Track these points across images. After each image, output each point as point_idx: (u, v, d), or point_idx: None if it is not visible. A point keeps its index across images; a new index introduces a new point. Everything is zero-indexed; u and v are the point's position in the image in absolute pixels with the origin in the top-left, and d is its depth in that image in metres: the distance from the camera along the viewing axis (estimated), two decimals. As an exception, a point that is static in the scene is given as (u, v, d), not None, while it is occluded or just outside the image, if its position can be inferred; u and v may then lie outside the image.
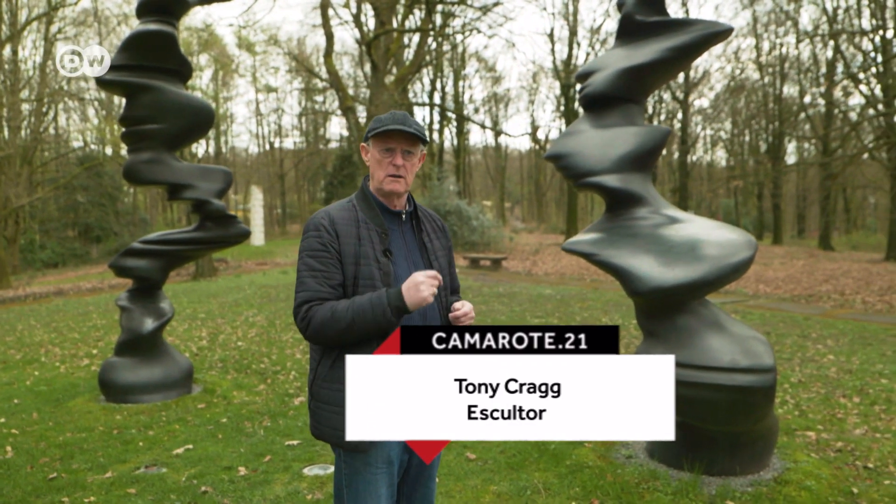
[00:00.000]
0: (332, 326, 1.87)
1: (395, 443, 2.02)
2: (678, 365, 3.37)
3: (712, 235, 3.56)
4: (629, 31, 4.13)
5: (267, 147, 49.92)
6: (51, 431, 4.80)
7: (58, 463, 4.13)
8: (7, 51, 23.37)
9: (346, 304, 1.88)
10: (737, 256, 3.41)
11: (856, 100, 27.25)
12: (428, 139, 2.13)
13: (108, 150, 31.48)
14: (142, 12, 5.51)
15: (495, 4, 19.20)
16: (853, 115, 24.55)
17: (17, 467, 4.06)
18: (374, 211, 2.06)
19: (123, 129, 5.68)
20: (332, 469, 3.91)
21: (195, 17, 47.25)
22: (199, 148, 38.83)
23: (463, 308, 2.04)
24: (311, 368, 2.05)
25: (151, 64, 5.45)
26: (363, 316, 1.84)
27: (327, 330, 1.88)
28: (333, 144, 43.94)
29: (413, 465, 2.13)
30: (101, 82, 5.49)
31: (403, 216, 2.12)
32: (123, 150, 28.50)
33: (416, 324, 2.02)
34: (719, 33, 3.91)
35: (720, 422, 3.39)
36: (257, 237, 33.48)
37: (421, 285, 1.83)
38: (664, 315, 3.53)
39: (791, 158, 34.64)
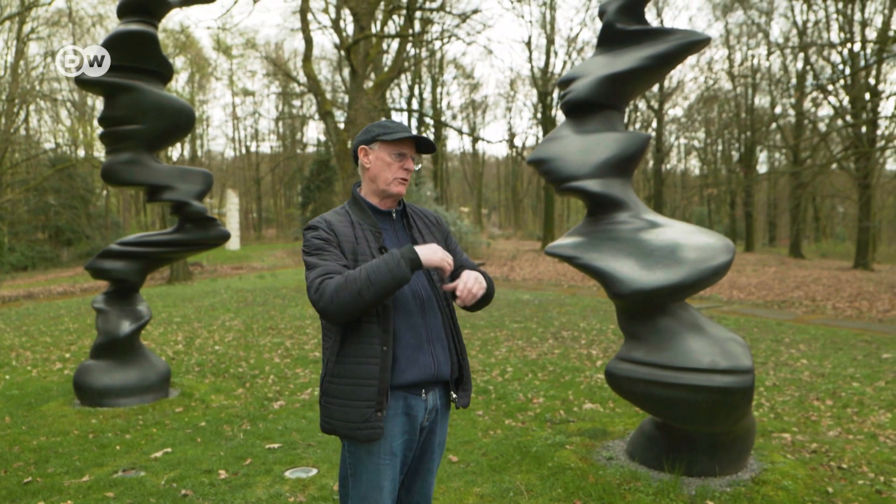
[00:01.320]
0: (348, 289, 1.88)
1: (399, 436, 2.07)
2: (659, 366, 3.44)
3: (691, 240, 3.63)
4: (610, 39, 4.20)
5: (243, 151, 49.49)
6: (24, 436, 4.70)
7: (33, 467, 4.04)
8: (-23, 50, 22.85)
9: (358, 269, 1.93)
10: (715, 260, 3.48)
11: (825, 111, 27.99)
12: (435, 149, 2.23)
13: (81, 152, 30.90)
14: (123, 12, 5.45)
15: (474, 12, 19.32)
16: (823, 126, 25.17)
17: (-11, 472, 3.97)
18: (366, 213, 2.15)
19: (102, 130, 5.61)
20: (314, 472, 3.89)
21: (172, 19, 46.75)
22: (175, 151, 38.34)
23: (463, 283, 2.00)
24: (323, 365, 2.12)
25: (132, 64, 5.39)
26: (378, 273, 1.87)
27: (342, 294, 1.88)
28: (311, 149, 43.71)
29: (414, 458, 2.18)
30: (81, 81, 5.41)
31: (394, 215, 2.20)
32: (97, 152, 28.05)
33: (415, 318, 2.06)
34: (697, 42, 3.99)
35: (700, 422, 3.45)
36: (233, 241, 33.14)
37: (438, 251, 1.95)
38: (645, 317, 3.59)
39: (763, 168, 35.40)
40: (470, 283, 1.98)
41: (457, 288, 1.98)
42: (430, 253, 1.94)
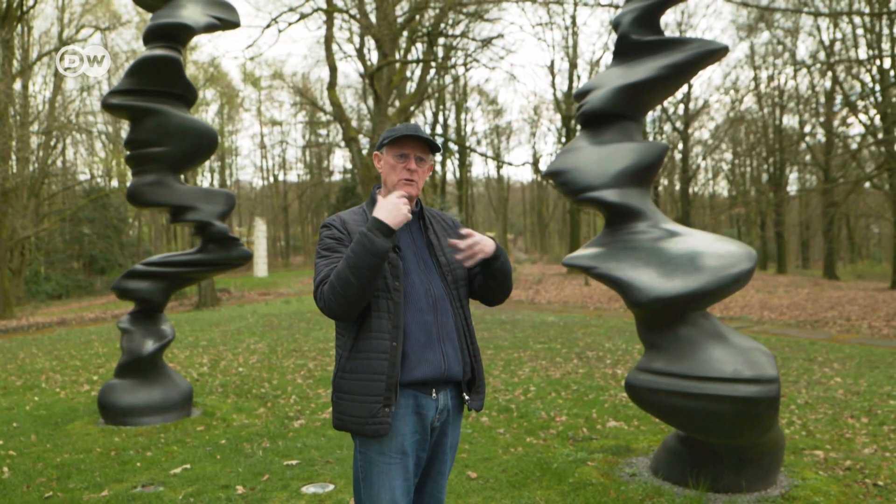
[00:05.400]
0: (339, 281, 1.93)
1: (409, 434, 2.06)
2: (680, 376, 3.35)
3: (712, 247, 3.56)
4: (625, 51, 4.20)
5: (271, 180, 50.38)
6: (48, 453, 4.75)
7: (54, 483, 4.08)
8: (18, 85, 23.82)
9: (342, 259, 1.97)
10: (737, 267, 3.40)
11: (856, 129, 27.45)
12: (440, 148, 2.23)
13: (115, 183, 31.82)
14: (148, 39, 5.64)
15: (496, 37, 19.59)
16: (854, 145, 24.69)
17: (13, 487, 4.01)
18: None
19: (128, 153, 5.76)
20: (331, 487, 3.85)
21: (202, 52, 48.23)
22: (204, 181, 39.26)
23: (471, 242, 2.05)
24: (335, 363, 2.14)
25: (157, 88, 5.55)
26: (357, 251, 1.91)
27: (337, 288, 1.93)
28: (337, 176, 44.38)
29: (426, 460, 2.16)
30: (108, 106, 5.59)
31: (410, 216, 2.19)
32: (129, 182, 28.89)
33: (426, 316, 2.05)
34: (714, 51, 3.96)
35: (724, 434, 3.34)
36: (260, 268, 33.54)
37: (395, 204, 1.94)
38: (665, 326, 3.51)
39: (793, 188, 34.73)
40: (479, 244, 2.04)
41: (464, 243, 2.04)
42: (390, 210, 1.94)
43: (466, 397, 2.17)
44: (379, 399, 1.97)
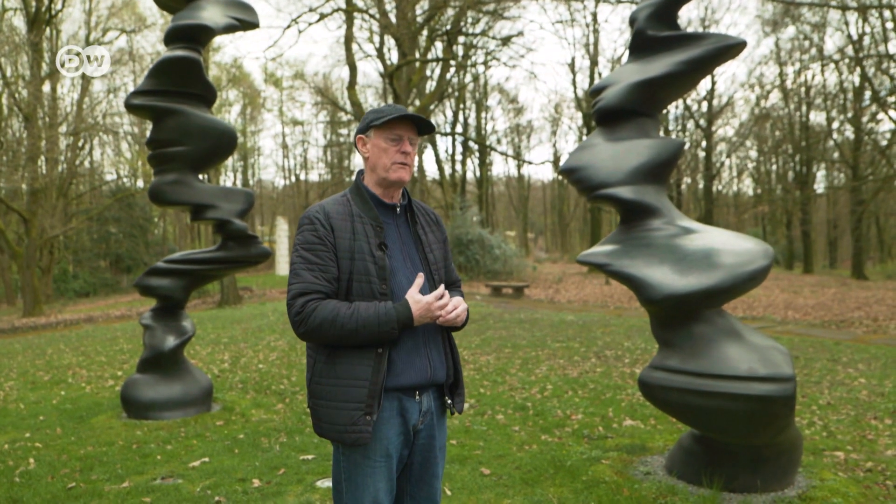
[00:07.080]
0: (333, 331, 1.88)
1: (394, 437, 2.01)
2: (694, 374, 3.32)
3: (728, 245, 3.52)
4: (641, 46, 4.17)
5: (293, 179, 50.79)
6: (72, 445, 4.87)
7: (77, 474, 4.18)
8: (46, 87, 24.35)
9: (350, 312, 1.88)
10: (753, 265, 3.37)
11: (886, 126, 26.84)
12: (434, 127, 2.13)
13: (140, 183, 32.37)
14: (169, 40, 5.73)
15: (516, 35, 19.55)
16: (884, 142, 24.16)
17: (38, 477, 4.13)
18: (369, 204, 2.05)
19: (150, 152, 5.87)
20: (345, 482, 3.88)
21: (224, 53, 48.82)
22: (227, 181, 39.73)
23: (452, 310, 1.98)
24: (308, 368, 2.04)
25: (177, 89, 5.64)
26: (368, 328, 1.86)
27: (326, 331, 1.88)
28: (358, 176, 44.52)
29: (415, 463, 2.10)
30: (130, 107, 5.70)
31: (398, 209, 2.11)
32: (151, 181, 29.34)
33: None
34: (732, 46, 3.92)
35: (739, 433, 3.31)
36: (282, 267, 33.83)
37: (433, 313, 1.91)
38: (679, 324, 3.48)
39: (820, 186, 34.08)
40: (454, 311, 1.98)
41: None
42: (424, 312, 1.91)
43: (449, 401, 2.12)
44: (360, 406, 1.89)
